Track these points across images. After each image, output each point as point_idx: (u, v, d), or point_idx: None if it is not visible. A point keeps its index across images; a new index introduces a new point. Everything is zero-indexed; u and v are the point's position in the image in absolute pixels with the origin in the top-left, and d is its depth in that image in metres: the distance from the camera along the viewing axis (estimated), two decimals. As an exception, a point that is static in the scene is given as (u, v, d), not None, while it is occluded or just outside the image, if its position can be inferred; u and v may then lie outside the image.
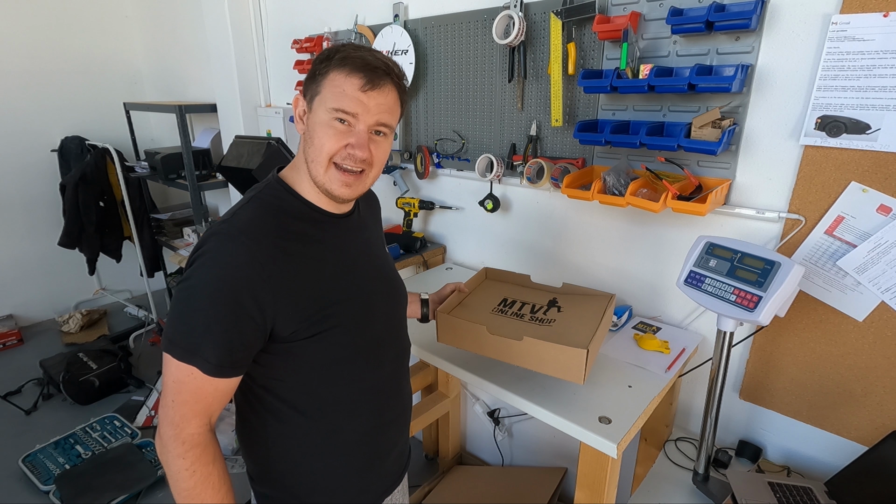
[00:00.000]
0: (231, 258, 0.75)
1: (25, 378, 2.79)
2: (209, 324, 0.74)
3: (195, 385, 0.75)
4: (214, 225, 0.80)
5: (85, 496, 1.95)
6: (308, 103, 0.83)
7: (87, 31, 3.29)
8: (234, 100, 2.54)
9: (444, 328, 1.23)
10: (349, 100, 0.78)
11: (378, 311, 0.93)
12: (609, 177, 1.31)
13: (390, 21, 1.89)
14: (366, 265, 0.92)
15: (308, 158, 0.82)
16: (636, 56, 1.30)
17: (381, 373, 0.94)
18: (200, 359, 0.73)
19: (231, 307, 0.74)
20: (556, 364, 1.09)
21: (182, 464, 0.76)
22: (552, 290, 1.38)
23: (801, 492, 1.17)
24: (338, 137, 0.79)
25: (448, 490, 1.99)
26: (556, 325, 1.21)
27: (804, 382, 1.28)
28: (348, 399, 0.90)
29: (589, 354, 1.05)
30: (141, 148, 3.24)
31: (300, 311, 0.80)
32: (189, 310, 0.75)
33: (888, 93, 1.04)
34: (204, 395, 0.76)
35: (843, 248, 1.16)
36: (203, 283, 0.75)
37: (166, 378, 0.76)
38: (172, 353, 0.74)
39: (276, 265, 0.77)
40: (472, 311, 1.30)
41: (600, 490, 1.11)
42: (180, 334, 0.74)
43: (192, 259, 0.78)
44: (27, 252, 3.30)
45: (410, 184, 2.05)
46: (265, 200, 0.83)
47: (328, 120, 0.79)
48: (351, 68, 0.78)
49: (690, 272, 1.11)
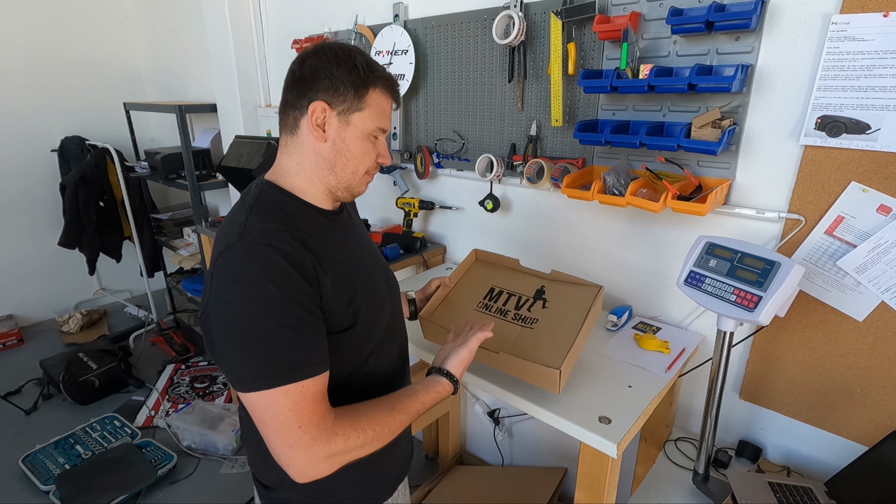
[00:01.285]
0: (273, 265, 0.72)
1: (25, 378, 2.79)
2: (296, 332, 0.71)
3: (311, 394, 0.72)
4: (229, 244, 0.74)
5: (85, 496, 1.95)
6: (343, 115, 0.81)
7: (87, 31, 3.29)
8: (234, 100, 2.54)
9: (427, 330, 1.28)
10: (387, 119, 0.85)
11: (385, 303, 0.93)
12: (609, 177, 1.31)
13: (390, 21, 1.89)
14: (366, 258, 0.92)
15: (336, 167, 0.83)
16: (636, 56, 1.30)
17: (390, 363, 0.96)
18: (310, 368, 0.72)
19: (304, 305, 0.73)
20: (532, 376, 1.12)
21: (358, 441, 0.75)
22: (540, 277, 1.34)
23: (801, 492, 1.17)
24: (372, 152, 0.86)
25: (448, 490, 1.99)
26: (537, 326, 1.21)
27: (804, 382, 1.28)
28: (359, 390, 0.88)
29: (562, 374, 1.07)
30: (141, 148, 3.24)
31: (335, 309, 0.79)
32: (264, 333, 0.70)
33: (888, 93, 1.04)
34: (320, 395, 0.74)
35: (843, 248, 1.16)
36: (262, 300, 0.70)
37: (278, 411, 0.70)
38: (280, 384, 0.70)
39: (310, 265, 0.76)
40: (455, 309, 1.29)
41: (600, 490, 1.11)
42: (274, 362, 0.70)
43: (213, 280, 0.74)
44: (27, 252, 3.30)
45: (410, 184, 2.05)
46: (267, 206, 0.81)
47: (368, 136, 0.83)
48: (387, 87, 0.84)
49: (690, 272, 1.11)
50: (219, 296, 0.73)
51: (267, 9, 2.45)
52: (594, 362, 1.29)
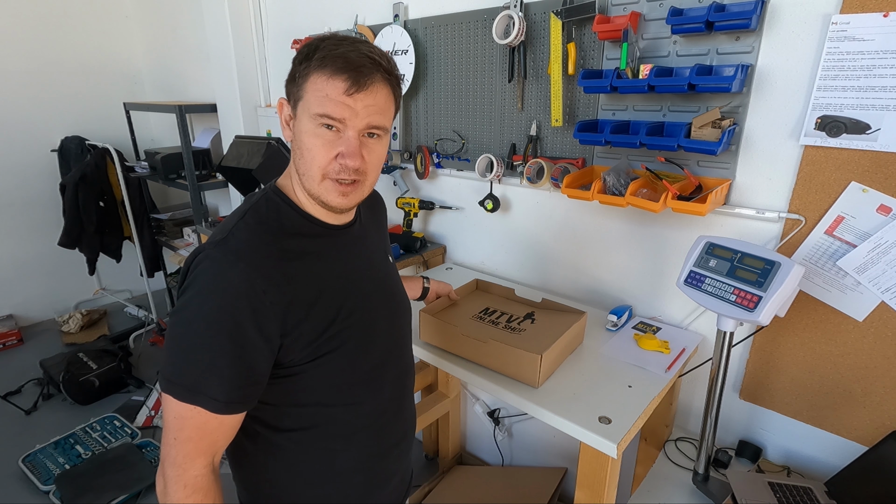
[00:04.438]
0: (230, 286, 0.69)
1: (25, 378, 2.79)
2: (213, 358, 0.68)
3: (199, 422, 0.69)
4: (208, 245, 0.73)
5: (85, 496, 1.95)
6: (292, 108, 0.76)
7: (87, 31, 3.29)
8: (234, 100, 2.54)
9: (425, 327, 1.34)
10: (334, 104, 0.71)
11: (379, 330, 0.87)
12: (609, 177, 1.31)
13: (390, 21, 1.89)
14: (366, 281, 0.87)
15: (299, 171, 0.77)
16: (636, 56, 1.30)
17: (381, 396, 0.88)
18: (205, 397, 0.68)
19: (235, 339, 0.68)
20: (515, 367, 1.19)
21: None
22: (531, 305, 1.44)
23: (801, 492, 1.17)
24: (327, 147, 0.73)
25: (448, 490, 1.99)
26: (524, 333, 1.28)
27: (804, 382, 1.28)
28: (345, 425, 0.84)
29: (543, 361, 1.14)
30: (141, 148, 3.24)
31: (302, 337, 0.74)
32: (189, 345, 0.69)
33: (888, 93, 1.04)
34: (209, 432, 0.71)
35: (843, 248, 1.16)
36: (202, 314, 0.69)
37: (167, 415, 0.70)
38: (174, 394, 0.68)
39: (278, 291, 0.71)
40: (453, 315, 1.38)
41: (600, 490, 1.11)
42: (180, 373, 0.68)
43: (184, 283, 0.72)
44: (27, 252, 3.30)
45: (410, 184, 2.05)
46: (262, 215, 0.78)
47: (314, 128, 0.73)
48: (333, 69, 0.70)
49: (690, 272, 1.11)
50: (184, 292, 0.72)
51: (267, 9, 2.45)
52: (594, 362, 1.29)
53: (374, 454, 0.90)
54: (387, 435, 0.92)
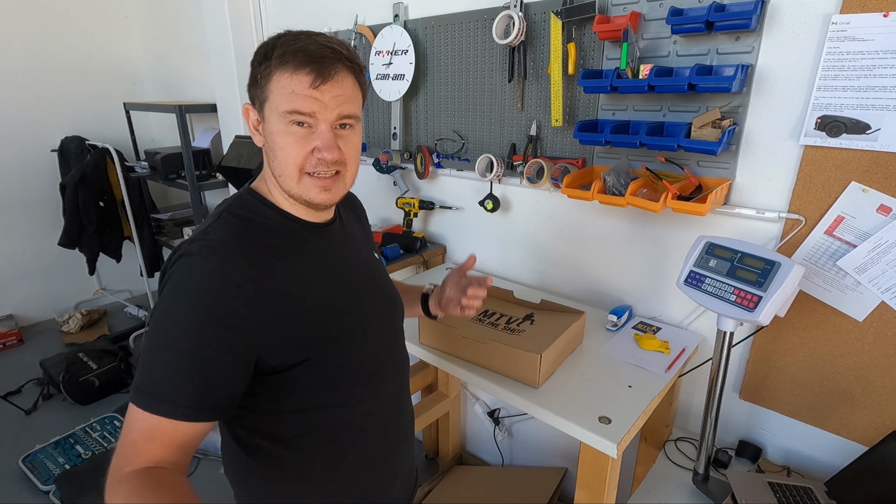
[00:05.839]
0: (203, 282, 0.66)
1: (25, 378, 2.78)
2: (182, 361, 0.64)
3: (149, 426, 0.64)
4: (184, 244, 0.71)
5: (85, 496, 1.95)
6: (259, 112, 0.75)
7: (87, 31, 3.29)
8: (234, 100, 2.54)
9: (424, 330, 1.37)
10: (301, 99, 0.69)
11: (371, 327, 0.86)
12: (609, 177, 1.31)
13: (390, 21, 1.89)
14: (353, 278, 0.85)
15: (276, 173, 0.75)
16: (636, 56, 1.30)
17: (379, 393, 0.87)
18: (170, 405, 0.63)
19: (208, 339, 0.65)
20: (515, 367, 1.20)
21: None
22: (530, 306, 1.44)
23: (801, 492, 1.17)
24: (301, 144, 0.72)
25: (448, 490, 1.99)
26: (524, 334, 1.28)
27: (804, 382, 1.28)
28: (348, 426, 0.82)
29: (542, 360, 1.15)
30: (141, 148, 3.24)
31: (286, 336, 0.72)
32: (158, 347, 0.65)
33: (888, 93, 1.04)
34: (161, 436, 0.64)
35: (843, 248, 1.16)
36: (173, 314, 0.66)
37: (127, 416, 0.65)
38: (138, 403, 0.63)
39: (256, 287, 0.69)
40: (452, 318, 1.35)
41: (600, 490, 1.11)
42: (147, 380, 0.64)
43: (161, 284, 0.70)
44: (27, 252, 3.30)
45: (410, 184, 2.05)
46: (237, 214, 0.76)
47: (284, 126, 0.71)
48: (295, 65, 0.69)
49: (690, 272, 1.11)
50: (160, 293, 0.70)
51: (267, 9, 2.45)
52: (594, 362, 1.29)
53: (377, 454, 0.89)
54: (389, 433, 0.91)
